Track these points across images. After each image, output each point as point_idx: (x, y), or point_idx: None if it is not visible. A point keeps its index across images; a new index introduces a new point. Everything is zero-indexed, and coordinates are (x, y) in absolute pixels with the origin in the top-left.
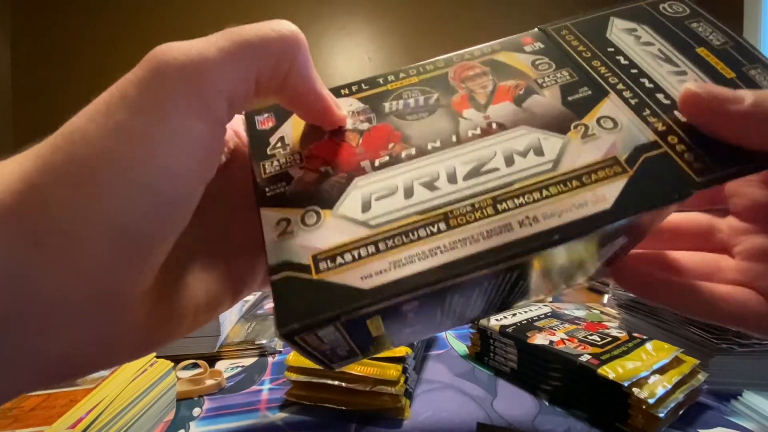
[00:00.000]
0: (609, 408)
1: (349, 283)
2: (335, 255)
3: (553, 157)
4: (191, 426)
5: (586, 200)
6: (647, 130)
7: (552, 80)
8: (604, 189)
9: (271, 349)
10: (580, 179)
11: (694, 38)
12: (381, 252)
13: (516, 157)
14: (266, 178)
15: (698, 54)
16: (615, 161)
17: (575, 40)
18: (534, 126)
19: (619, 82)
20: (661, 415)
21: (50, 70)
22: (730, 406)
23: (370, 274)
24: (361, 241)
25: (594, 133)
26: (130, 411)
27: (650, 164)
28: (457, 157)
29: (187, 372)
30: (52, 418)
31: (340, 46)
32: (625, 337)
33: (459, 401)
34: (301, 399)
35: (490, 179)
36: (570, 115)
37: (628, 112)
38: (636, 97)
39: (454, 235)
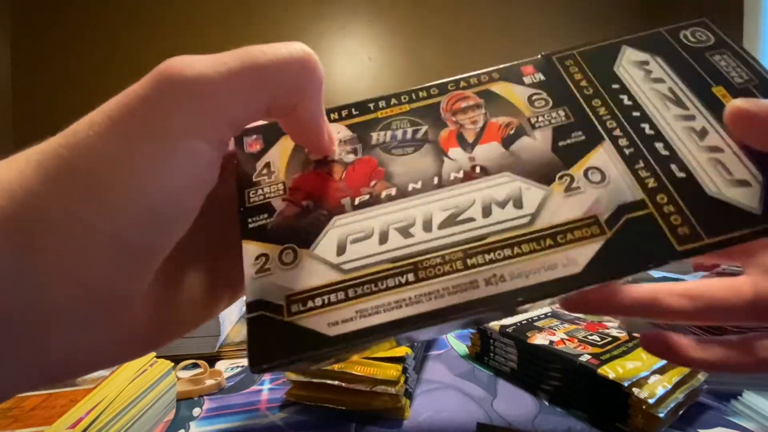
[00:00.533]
0: (609, 408)
1: (317, 329)
2: (307, 298)
3: (532, 211)
4: (191, 426)
5: (556, 262)
6: (636, 186)
7: (546, 120)
8: (577, 251)
9: None
10: (554, 238)
11: (713, 74)
12: (350, 299)
13: (494, 208)
14: (250, 207)
15: (713, 94)
16: (594, 221)
17: (579, 73)
18: (518, 174)
19: (617, 126)
20: (661, 415)
21: (50, 70)
22: (730, 406)
23: (336, 321)
24: (332, 286)
25: (579, 187)
26: (130, 411)
27: (631, 227)
28: (436, 202)
29: (187, 372)
30: (52, 418)
31: (340, 46)
32: (625, 337)
33: (459, 401)
34: (301, 399)
35: (465, 230)
36: (558, 163)
37: (620, 164)
38: (632, 146)
39: (421, 289)
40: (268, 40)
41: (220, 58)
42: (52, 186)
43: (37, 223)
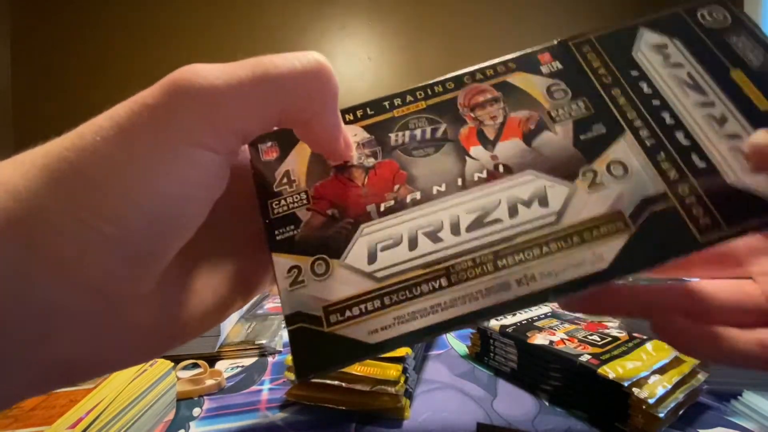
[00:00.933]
0: (609, 408)
1: (358, 338)
2: (344, 308)
3: (557, 209)
4: (191, 426)
5: (584, 259)
6: (658, 178)
7: (566, 114)
8: (604, 248)
9: (271, 349)
10: (581, 235)
11: (731, 57)
12: (386, 307)
13: (520, 208)
14: (275, 219)
15: (731, 79)
16: (619, 216)
17: (597, 60)
18: (541, 171)
19: (637, 117)
20: (661, 415)
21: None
22: (730, 406)
23: (376, 329)
24: (368, 294)
25: (602, 182)
26: (130, 411)
27: (655, 220)
28: (462, 204)
29: (187, 372)
30: (52, 418)
31: (340, 46)
32: (625, 337)
33: (459, 401)
34: (301, 399)
35: (493, 231)
36: (580, 158)
37: (642, 156)
38: (653, 137)
39: (455, 293)
40: (267, 40)
41: (231, 68)
42: (57, 189)
43: (41, 225)
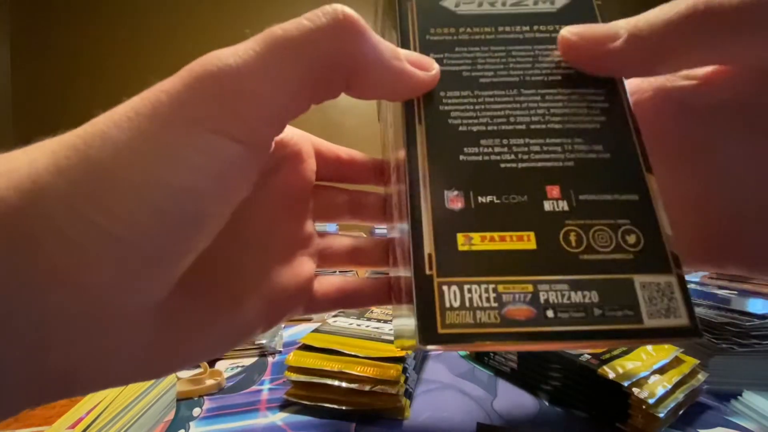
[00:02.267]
0: (609, 408)
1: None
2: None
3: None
4: (191, 426)
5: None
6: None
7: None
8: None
9: (271, 349)
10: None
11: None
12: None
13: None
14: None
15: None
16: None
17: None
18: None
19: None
20: (661, 415)
21: (50, 70)
22: (730, 406)
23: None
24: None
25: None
26: (130, 411)
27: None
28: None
29: (187, 372)
30: (52, 418)
31: None
32: None
33: (459, 401)
34: (301, 399)
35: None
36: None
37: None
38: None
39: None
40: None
41: (243, 45)
42: (62, 178)
43: (40, 221)
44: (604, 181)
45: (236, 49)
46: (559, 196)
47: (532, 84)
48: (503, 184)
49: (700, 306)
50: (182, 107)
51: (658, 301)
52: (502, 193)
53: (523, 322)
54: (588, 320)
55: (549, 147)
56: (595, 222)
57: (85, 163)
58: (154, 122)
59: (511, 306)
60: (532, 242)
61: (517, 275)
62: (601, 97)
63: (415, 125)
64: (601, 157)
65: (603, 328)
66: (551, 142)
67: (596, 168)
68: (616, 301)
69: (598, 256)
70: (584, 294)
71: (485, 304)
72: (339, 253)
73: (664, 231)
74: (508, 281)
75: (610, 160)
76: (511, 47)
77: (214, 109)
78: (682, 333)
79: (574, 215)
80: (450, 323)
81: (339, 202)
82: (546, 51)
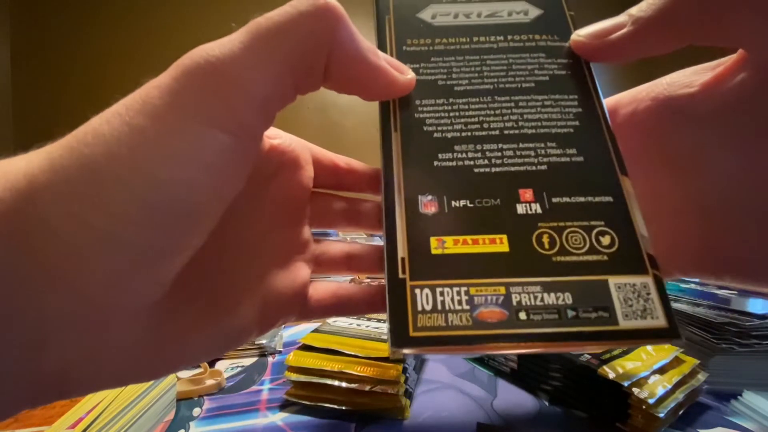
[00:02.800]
0: (609, 408)
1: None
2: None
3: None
4: (191, 426)
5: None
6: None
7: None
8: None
9: (271, 349)
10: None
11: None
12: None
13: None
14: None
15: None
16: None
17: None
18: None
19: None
20: (661, 415)
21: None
22: (730, 406)
23: None
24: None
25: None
26: (130, 411)
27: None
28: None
29: (187, 372)
30: (52, 418)
31: None
32: None
33: (459, 401)
34: (301, 399)
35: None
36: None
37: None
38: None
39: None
40: None
41: (229, 37)
42: (56, 177)
43: (36, 222)
44: (578, 183)
45: (222, 42)
46: (532, 199)
47: (506, 91)
48: (477, 188)
49: (700, 306)
50: (172, 100)
51: (634, 302)
52: (475, 197)
53: (495, 324)
54: (561, 322)
55: (522, 151)
56: (569, 224)
57: (78, 162)
58: (145, 116)
59: (483, 308)
60: (504, 245)
61: (489, 277)
62: (574, 102)
63: (391, 133)
64: (574, 160)
65: (576, 329)
66: (524, 146)
67: (570, 171)
68: (590, 302)
69: (572, 258)
70: (557, 296)
71: (457, 306)
72: (334, 260)
73: (640, 232)
74: (480, 284)
75: (583, 163)
76: (486, 56)
77: (202, 101)
78: (660, 334)
79: (547, 217)
80: (422, 326)
81: (336, 209)
82: (520, 59)
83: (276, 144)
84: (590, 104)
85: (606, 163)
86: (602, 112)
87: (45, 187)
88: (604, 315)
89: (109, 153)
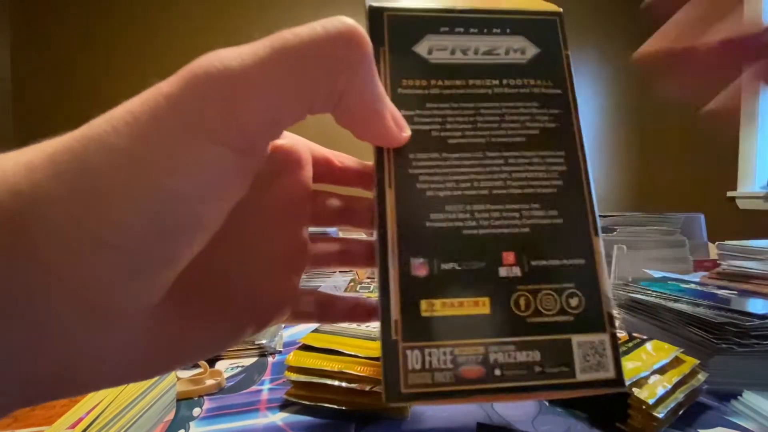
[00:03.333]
0: (609, 408)
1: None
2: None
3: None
4: (191, 426)
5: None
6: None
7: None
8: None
9: (271, 349)
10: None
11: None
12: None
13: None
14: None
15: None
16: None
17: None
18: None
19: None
20: (661, 416)
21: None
22: (730, 406)
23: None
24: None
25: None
26: (130, 411)
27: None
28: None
29: (187, 372)
30: (52, 418)
31: None
32: (625, 337)
33: None
34: (301, 399)
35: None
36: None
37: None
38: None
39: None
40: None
41: (248, 47)
42: (59, 183)
43: (38, 223)
44: (555, 246)
45: (241, 52)
46: (514, 262)
47: (497, 146)
48: (464, 251)
49: (700, 306)
50: (181, 113)
51: (591, 358)
52: (462, 260)
53: (474, 380)
54: (529, 377)
55: (508, 213)
56: (544, 287)
57: (82, 169)
58: (153, 128)
59: (464, 366)
60: (486, 307)
61: (471, 338)
62: (560, 159)
63: (385, 189)
64: (554, 222)
65: (540, 383)
66: (510, 208)
67: (549, 234)
68: (554, 359)
69: (544, 319)
70: (527, 354)
71: (442, 366)
72: (329, 254)
73: (604, 293)
74: (463, 344)
75: (562, 225)
76: (480, 104)
77: (213, 116)
78: (608, 384)
79: (525, 281)
80: (412, 383)
81: (331, 208)
82: (513, 109)
83: (279, 144)
84: (575, 162)
85: (582, 225)
86: (585, 169)
87: (48, 192)
88: (565, 370)
89: (117, 164)
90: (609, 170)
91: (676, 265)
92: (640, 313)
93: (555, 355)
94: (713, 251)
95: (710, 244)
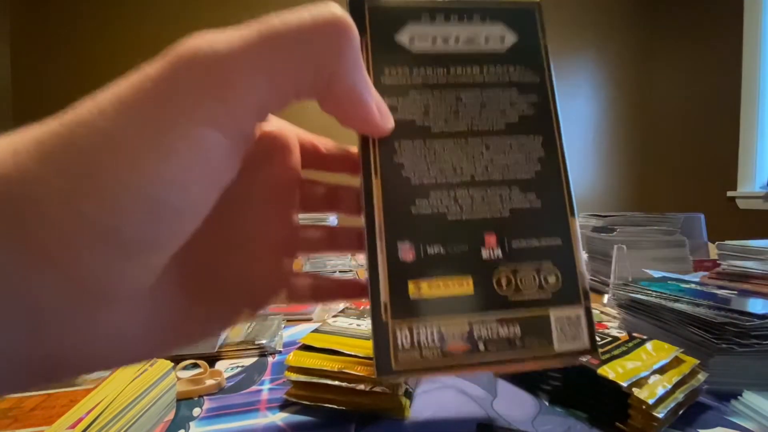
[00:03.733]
0: (609, 408)
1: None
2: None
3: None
4: (191, 426)
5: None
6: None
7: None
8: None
9: (271, 349)
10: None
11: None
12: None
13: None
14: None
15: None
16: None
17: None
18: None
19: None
20: (661, 416)
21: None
22: (730, 406)
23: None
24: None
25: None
26: (130, 411)
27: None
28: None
29: (187, 372)
30: (52, 418)
31: None
32: (625, 337)
33: (459, 401)
34: (301, 399)
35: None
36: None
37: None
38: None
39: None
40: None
41: (236, 32)
42: (48, 168)
43: (29, 206)
44: (534, 228)
45: (229, 36)
46: (495, 245)
47: (479, 133)
48: (449, 235)
49: (700, 306)
50: (168, 97)
51: (567, 330)
52: (447, 243)
53: (460, 356)
54: (511, 350)
55: (490, 198)
56: (523, 266)
57: (69, 151)
58: (140, 112)
59: (450, 342)
60: (470, 287)
61: (456, 317)
62: (538, 145)
63: (372, 178)
64: (533, 206)
65: (521, 356)
66: (492, 193)
67: (528, 216)
68: (534, 333)
69: (523, 297)
70: (509, 329)
71: (430, 343)
72: (320, 240)
73: (580, 269)
74: (449, 322)
75: (541, 208)
76: (462, 92)
77: (200, 100)
78: (582, 353)
79: (506, 261)
80: (402, 360)
81: (318, 195)
82: (493, 95)
83: (267, 130)
84: (552, 147)
85: (559, 207)
86: (562, 154)
87: (37, 176)
88: (544, 342)
89: (105, 148)
90: (609, 170)
91: (676, 265)
92: (640, 313)
93: (535, 329)
94: (713, 251)
95: (710, 244)
